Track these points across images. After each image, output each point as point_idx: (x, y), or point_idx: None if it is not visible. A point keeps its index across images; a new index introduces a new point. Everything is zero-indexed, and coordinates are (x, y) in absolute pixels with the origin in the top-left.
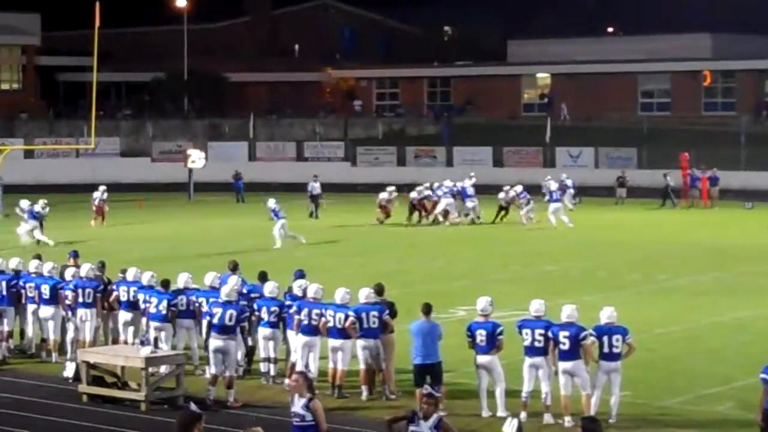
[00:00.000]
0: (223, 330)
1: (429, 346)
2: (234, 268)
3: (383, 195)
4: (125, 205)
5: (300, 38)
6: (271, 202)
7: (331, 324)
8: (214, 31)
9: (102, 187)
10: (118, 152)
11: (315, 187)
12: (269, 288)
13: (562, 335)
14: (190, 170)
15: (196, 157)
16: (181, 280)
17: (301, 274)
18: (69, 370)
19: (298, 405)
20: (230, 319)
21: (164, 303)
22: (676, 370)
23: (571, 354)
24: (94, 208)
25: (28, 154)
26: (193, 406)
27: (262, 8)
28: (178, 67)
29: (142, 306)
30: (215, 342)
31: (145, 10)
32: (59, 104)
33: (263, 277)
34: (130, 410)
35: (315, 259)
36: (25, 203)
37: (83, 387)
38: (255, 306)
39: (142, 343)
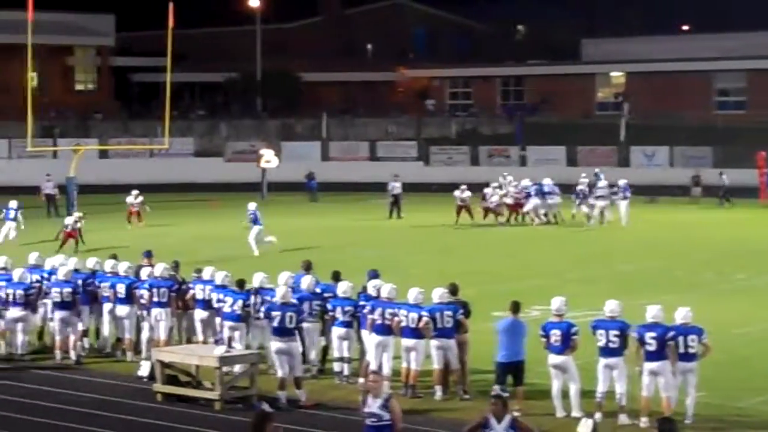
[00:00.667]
0: (284, 332)
1: (514, 344)
2: (307, 267)
3: (458, 194)
4: (198, 205)
5: (373, 38)
6: (252, 206)
7: (404, 324)
8: (287, 31)
9: (134, 192)
10: (191, 152)
11: (395, 186)
12: (343, 288)
13: (649, 336)
14: (263, 170)
15: (270, 157)
16: (257, 280)
17: (374, 274)
18: (144, 369)
19: (374, 405)
20: (290, 321)
21: (239, 303)
22: (754, 371)
23: (657, 355)
24: (128, 212)
25: (103, 155)
26: (265, 406)
27: (335, 8)
28: (251, 67)
29: (217, 305)
30: (277, 344)
31: (219, 11)
32: (133, 104)
33: (337, 277)
34: (204, 409)
35: (388, 258)
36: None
37: (158, 386)
38: (329, 306)
39: (217, 343)
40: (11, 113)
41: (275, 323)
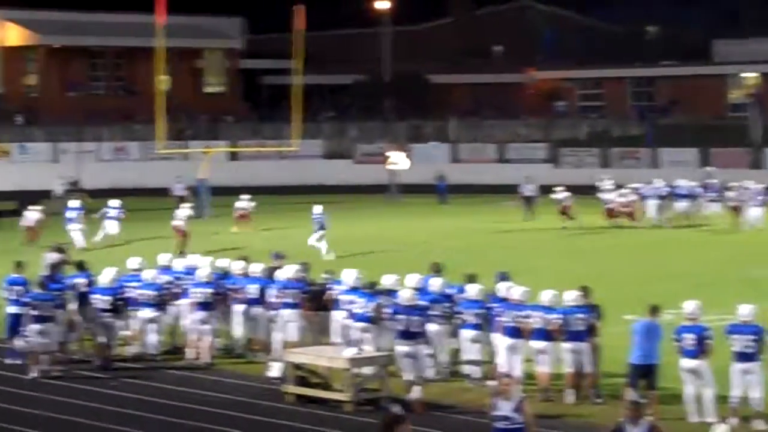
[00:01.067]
0: (409, 335)
1: (649, 346)
2: (437, 270)
3: (557, 196)
4: (327, 207)
5: (502, 39)
6: (318, 209)
7: (536, 326)
8: (416, 33)
9: (245, 197)
10: (320, 154)
11: (528, 188)
12: (474, 290)
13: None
14: (392, 172)
15: (397, 159)
16: (388, 282)
17: (504, 276)
18: (274, 370)
19: (505, 408)
20: (415, 325)
21: (370, 304)
22: None
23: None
24: (236, 216)
25: (233, 157)
26: (395, 408)
27: (464, 9)
28: (380, 69)
29: (348, 307)
30: (402, 348)
31: (348, 13)
32: (263, 107)
33: (471, 279)
34: (334, 411)
35: (517, 261)
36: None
37: (288, 387)
38: (459, 308)
39: (348, 345)
40: (142, 116)
41: (400, 326)
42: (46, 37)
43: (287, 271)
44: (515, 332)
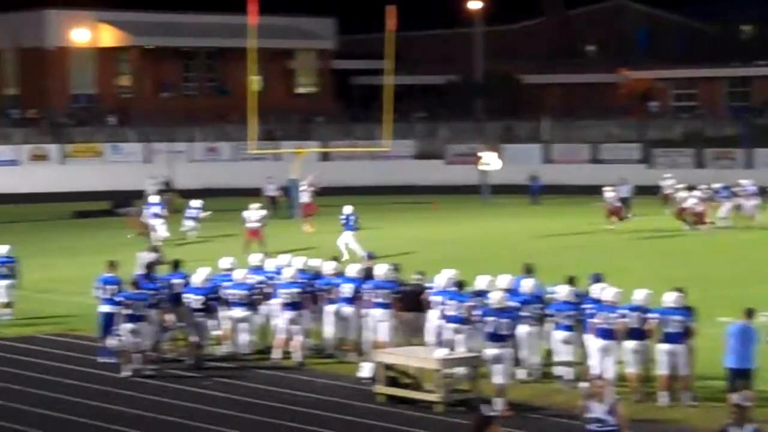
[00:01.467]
0: (498, 338)
1: (744, 349)
2: (529, 270)
3: (609, 195)
4: (418, 208)
5: (594, 39)
6: (348, 209)
7: (631, 326)
8: (508, 33)
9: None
10: (412, 155)
11: (623, 189)
12: (565, 291)
13: None
14: (483, 172)
15: (489, 160)
16: (482, 283)
17: (598, 278)
18: (365, 371)
19: (599, 410)
20: (505, 327)
21: (463, 305)
22: None
23: None
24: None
25: (324, 157)
26: (486, 409)
27: (557, 9)
28: (472, 69)
29: (441, 307)
30: (491, 350)
31: (440, 13)
32: (354, 107)
33: (571, 281)
34: (425, 412)
35: (610, 262)
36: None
37: (379, 387)
38: (550, 309)
39: (440, 345)
40: (234, 116)
41: (489, 329)
42: (140, 38)
43: (379, 271)
44: (608, 334)
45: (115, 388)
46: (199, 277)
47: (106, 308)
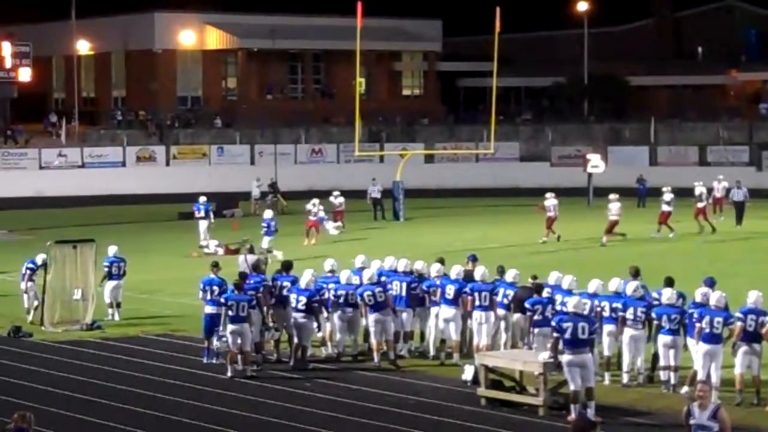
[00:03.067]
0: (576, 344)
1: None
2: (635, 273)
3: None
4: (523, 210)
5: (703, 40)
6: (268, 214)
7: (748, 329)
8: (616, 35)
9: (336, 192)
10: (517, 157)
11: (737, 192)
12: (667, 295)
13: None
14: (590, 175)
15: (597, 162)
16: (592, 286)
17: (711, 282)
18: (468, 373)
19: (702, 416)
20: (583, 332)
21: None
22: None
23: None
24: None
25: (429, 159)
26: (588, 414)
27: (665, 10)
28: (578, 71)
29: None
30: (568, 356)
31: (546, 15)
32: (459, 109)
33: (669, 283)
34: (527, 415)
35: (720, 266)
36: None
37: (482, 390)
38: (654, 313)
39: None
40: (339, 118)
41: (567, 334)
42: (245, 41)
43: (476, 273)
44: (713, 338)
45: (218, 388)
46: (304, 278)
47: (210, 309)
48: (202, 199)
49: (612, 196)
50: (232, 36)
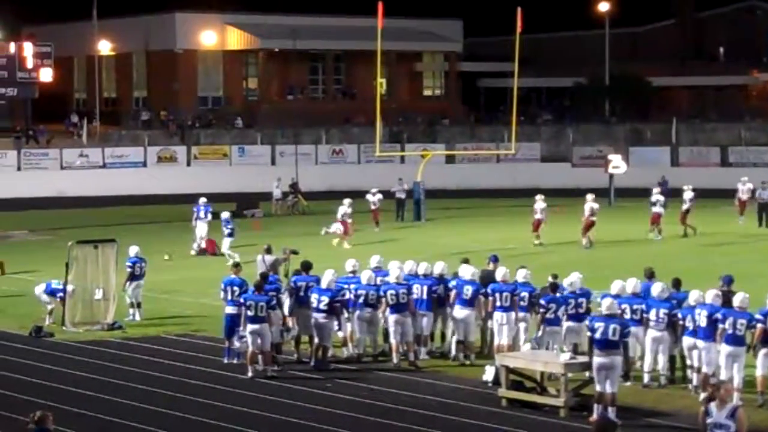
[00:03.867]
0: (607, 345)
1: None
2: (651, 275)
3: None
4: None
5: (725, 41)
6: (225, 215)
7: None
8: (637, 35)
9: (374, 190)
10: (538, 158)
11: (764, 193)
12: (694, 296)
13: None
14: (611, 175)
15: (618, 163)
16: (615, 288)
17: (729, 280)
18: (489, 374)
19: (719, 414)
20: (614, 334)
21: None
22: None
23: None
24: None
25: (450, 160)
26: (609, 415)
27: (687, 11)
28: (599, 71)
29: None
30: (598, 359)
31: (567, 15)
32: (480, 110)
33: (676, 285)
34: (548, 416)
35: (739, 266)
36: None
37: (502, 391)
38: (679, 314)
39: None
40: (360, 119)
41: (597, 335)
42: (266, 41)
43: (498, 274)
44: (736, 340)
45: (238, 388)
46: (325, 279)
47: (230, 310)
48: (203, 200)
49: (589, 196)
50: (253, 36)
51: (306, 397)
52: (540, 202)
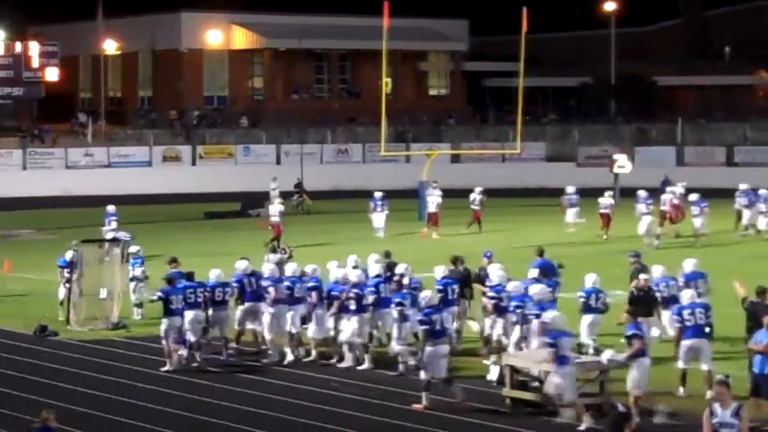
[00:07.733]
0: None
1: None
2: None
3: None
4: (550, 210)
5: (731, 41)
6: (133, 249)
7: None
8: (643, 35)
9: (478, 189)
10: (543, 157)
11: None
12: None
13: None
14: (616, 175)
15: (623, 162)
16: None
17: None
18: (493, 374)
19: (724, 414)
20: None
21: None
22: None
23: None
24: (474, 216)
25: (455, 159)
26: (622, 406)
27: (693, 10)
28: (605, 71)
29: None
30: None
31: (573, 15)
32: (486, 109)
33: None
34: (552, 415)
35: (740, 264)
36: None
37: (507, 391)
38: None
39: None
40: (365, 118)
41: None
42: (272, 41)
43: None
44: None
45: (244, 388)
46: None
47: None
48: None
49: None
50: (258, 36)
51: (312, 396)
52: (608, 198)
